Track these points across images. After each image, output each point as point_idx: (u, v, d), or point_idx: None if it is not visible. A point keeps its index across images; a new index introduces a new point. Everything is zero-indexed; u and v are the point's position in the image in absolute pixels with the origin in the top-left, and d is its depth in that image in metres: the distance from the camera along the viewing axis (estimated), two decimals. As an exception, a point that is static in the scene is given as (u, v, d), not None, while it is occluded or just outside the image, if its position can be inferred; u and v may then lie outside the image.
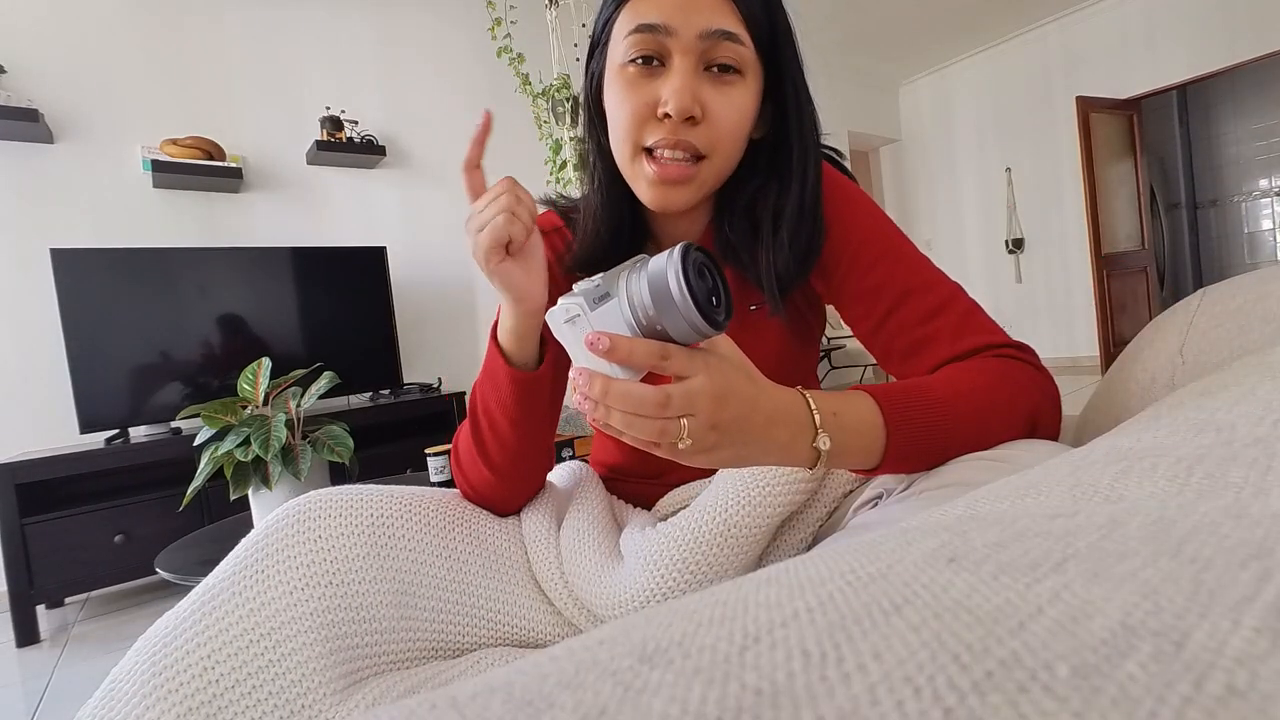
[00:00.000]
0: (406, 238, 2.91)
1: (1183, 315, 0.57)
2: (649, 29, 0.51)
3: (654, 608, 0.19)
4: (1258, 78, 4.97)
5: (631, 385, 0.37)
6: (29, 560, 1.82)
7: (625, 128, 0.54)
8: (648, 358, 0.37)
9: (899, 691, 0.12)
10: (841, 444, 0.44)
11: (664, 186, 0.54)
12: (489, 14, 2.15)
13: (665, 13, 0.51)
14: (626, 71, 0.53)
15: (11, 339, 2.15)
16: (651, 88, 0.52)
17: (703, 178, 0.55)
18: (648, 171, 0.54)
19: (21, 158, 2.18)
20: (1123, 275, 4.33)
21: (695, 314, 0.36)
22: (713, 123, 0.53)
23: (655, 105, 0.52)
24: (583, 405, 0.38)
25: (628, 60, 0.53)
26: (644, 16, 0.51)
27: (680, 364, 0.38)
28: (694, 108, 0.51)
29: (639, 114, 0.53)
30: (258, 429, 1.18)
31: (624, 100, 0.53)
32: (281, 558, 0.49)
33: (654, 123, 0.53)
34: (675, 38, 0.51)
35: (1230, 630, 0.12)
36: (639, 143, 0.54)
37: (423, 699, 0.15)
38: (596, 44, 0.59)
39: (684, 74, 0.51)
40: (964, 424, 0.48)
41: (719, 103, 0.52)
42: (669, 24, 0.51)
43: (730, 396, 0.39)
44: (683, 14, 0.50)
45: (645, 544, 0.54)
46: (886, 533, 0.23)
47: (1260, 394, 0.30)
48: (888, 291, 0.56)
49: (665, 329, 0.38)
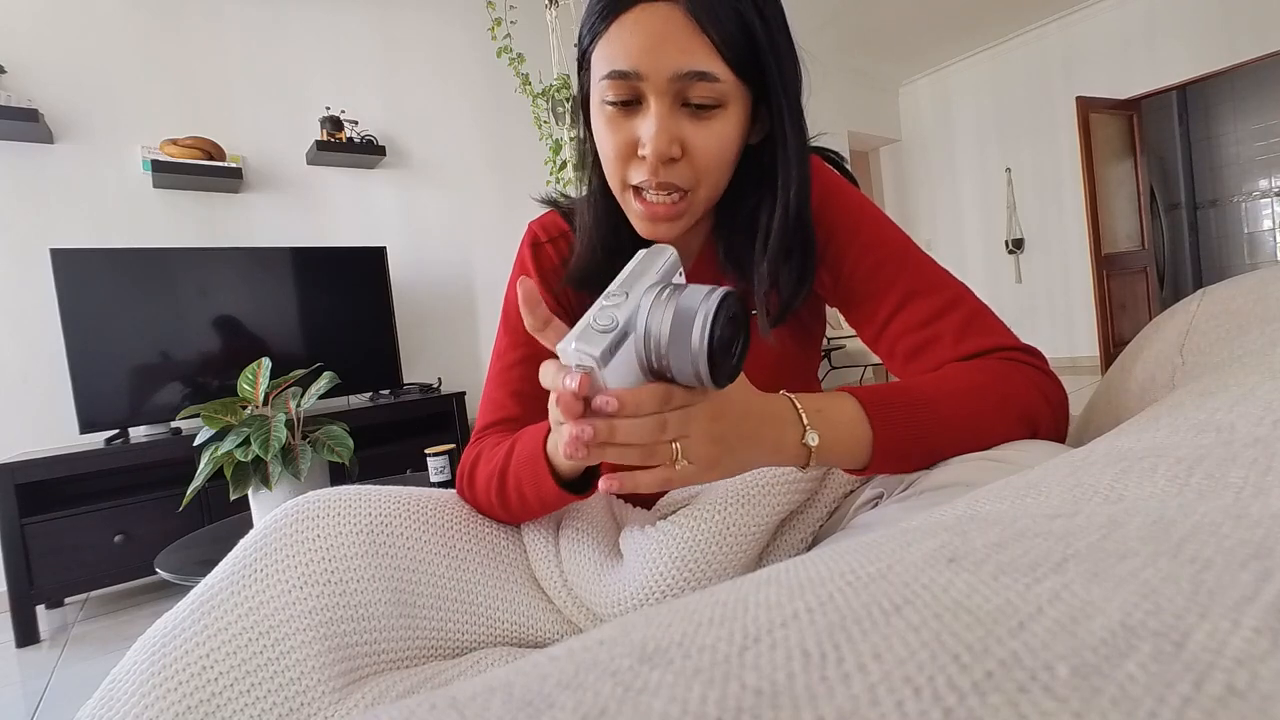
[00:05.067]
0: (406, 238, 2.91)
1: (1183, 315, 0.57)
2: (620, 75, 0.50)
3: (654, 608, 0.19)
4: (1258, 78, 4.96)
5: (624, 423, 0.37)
6: (29, 560, 1.82)
7: (610, 164, 0.54)
8: (652, 405, 0.37)
9: (899, 691, 0.12)
10: (829, 440, 0.45)
11: (653, 223, 0.55)
12: (489, 14, 2.15)
13: (634, 58, 0.49)
14: (606, 110, 0.53)
15: (11, 339, 2.15)
16: (630, 126, 0.52)
17: (693, 209, 0.55)
18: (636, 209, 0.55)
19: (21, 158, 2.18)
20: (1123, 275, 4.33)
21: (705, 367, 0.36)
22: (694, 158, 0.52)
23: (635, 145, 0.52)
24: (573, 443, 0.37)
25: (604, 101, 0.52)
26: (615, 62, 0.50)
27: (681, 401, 0.39)
28: (672, 149, 0.51)
29: (621, 153, 0.53)
30: (258, 429, 1.18)
31: (607, 138, 0.53)
32: (279, 557, 0.49)
33: (636, 161, 0.53)
34: (647, 81, 0.50)
35: (1230, 630, 0.12)
36: (625, 180, 0.54)
37: (422, 699, 0.15)
38: (581, 65, 0.57)
39: (660, 116, 0.50)
40: (954, 423, 0.48)
41: (700, 138, 0.51)
42: (638, 70, 0.49)
43: (726, 409, 0.40)
44: (651, 58, 0.49)
45: (645, 542, 0.54)
46: (886, 533, 0.23)
47: (1260, 394, 0.30)
48: (891, 295, 0.56)
49: (669, 365, 0.37)
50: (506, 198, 3.17)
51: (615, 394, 0.36)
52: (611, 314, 0.38)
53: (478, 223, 3.11)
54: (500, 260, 3.11)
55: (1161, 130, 5.49)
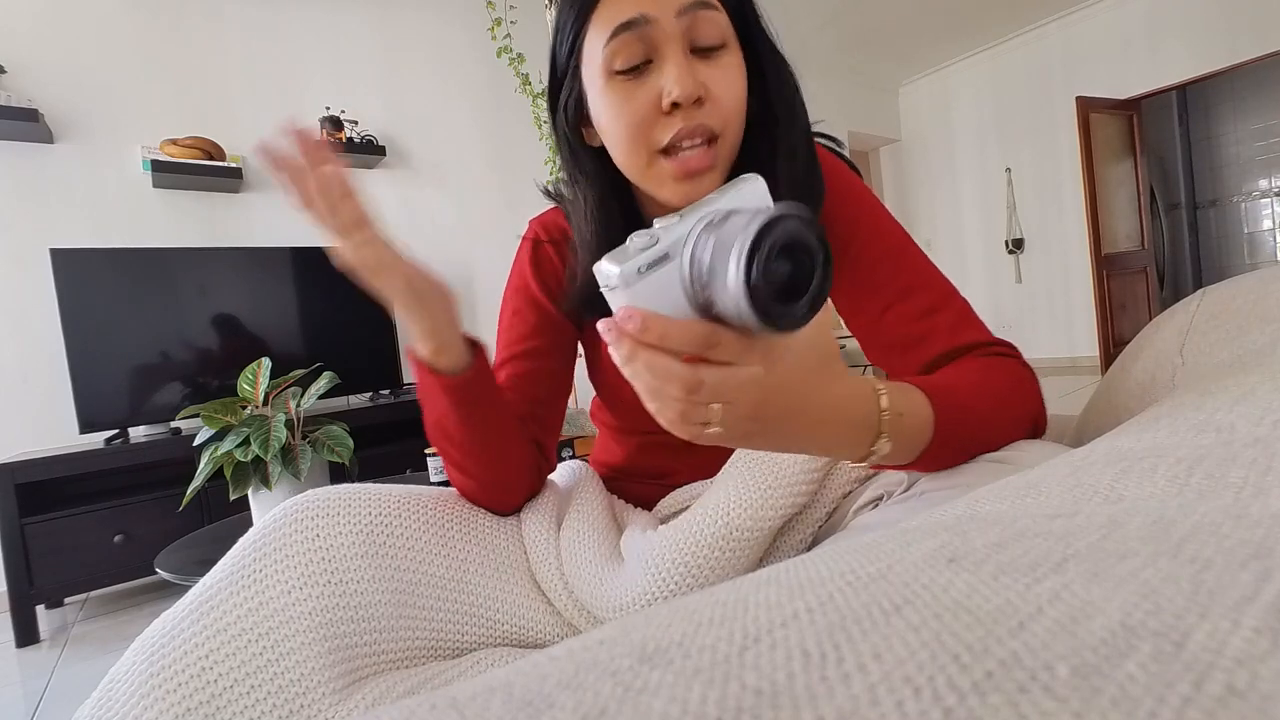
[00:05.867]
0: (406, 238, 2.88)
1: (1183, 315, 0.57)
2: (627, 26, 0.50)
3: (654, 608, 0.19)
4: (1258, 78, 4.96)
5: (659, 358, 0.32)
6: (29, 560, 1.82)
7: (632, 135, 0.52)
8: (689, 343, 0.32)
9: (899, 692, 0.12)
10: (893, 448, 0.42)
11: (689, 181, 0.52)
12: (489, 14, 2.15)
13: (637, 2, 0.49)
14: (615, 81, 0.52)
15: (11, 339, 2.14)
16: (648, 87, 0.51)
17: (721, 158, 0.53)
18: (669, 170, 0.52)
19: (21, 158, 2.18)
20: (1122, 275, 4.32)
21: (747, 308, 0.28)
22: (717, 100, 0.51)
23: (658, 102, 0.51)
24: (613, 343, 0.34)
25: (614, 70, 0.51)
26: (618, 16, 0.50)
27: (730, 353, 0.33)
28: (699, 88, 0.50)
29: (644, 116, 0.51)
30: (257, 429, 1.18)
31: (623, 109, 0.52)
32: (278, 557, 0.49)
33: (662, 120, 0.51)
34: (655, 25, 0.50)
35: (1230, 630, 0.12)
36: (652, 145, 0.52)
37: (422, 699, 0.15)
38: (565, 72, 0.56)
39: (678, 59, 0.50)
40: (988, 424, 0.48)
41: (717, 78, 0.51)
42: (646, 13, 0.49)
43: (785, 390, 0.35)
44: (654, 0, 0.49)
45: (646, 546, 0.54)
46: (886, 533, 0.23)
47: (1260, 394, 0.30)
48: (889, 287, 0.57)
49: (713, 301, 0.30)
50: (506, 198, 3.17)
51: (644, 313, 0.32)
52: (656, 235, 0.32)
53: (478, 223, 3.11)
54: (500, 260, 3.11)
55: (1161, 130, 5.49)
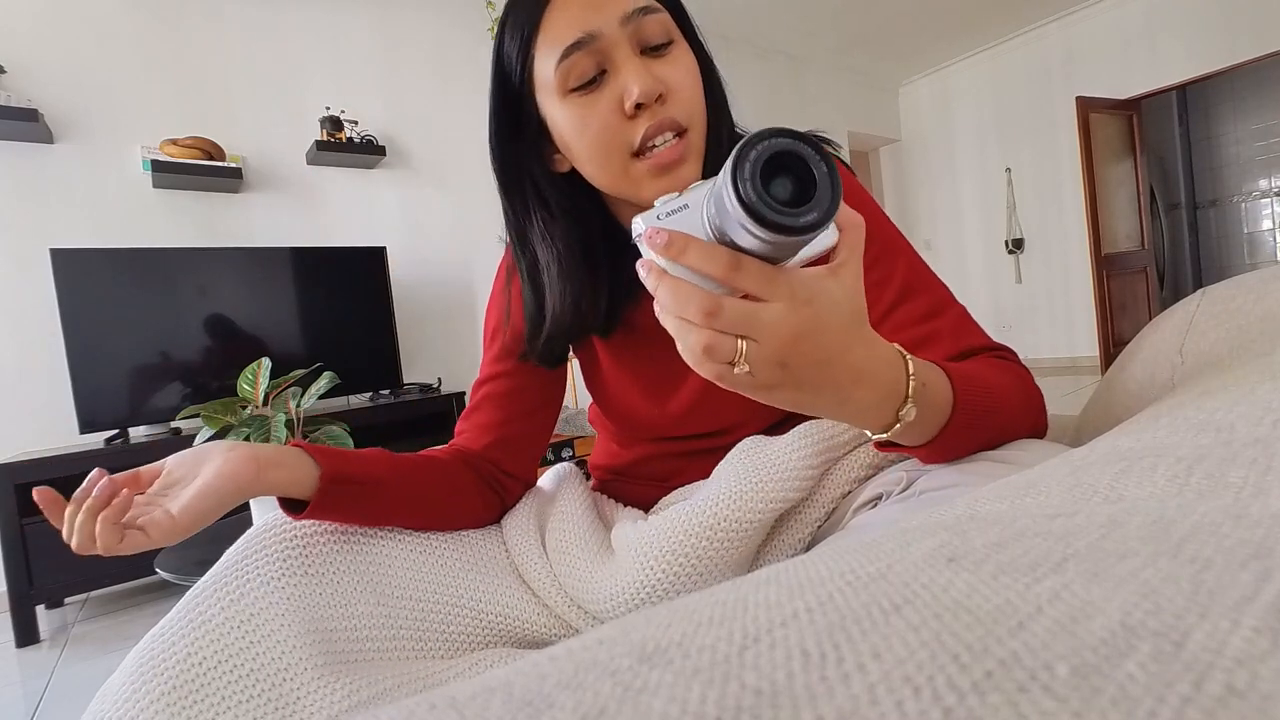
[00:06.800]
0: (406, 238, 2.91)
1: (1183, 315, 0.57)
2: (576, 46, 0.50)
3: (653, 608, 0.19)
4: (1258, 78, 4.97)
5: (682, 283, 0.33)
6: (29, 560, 1.82)
7: (603, 144, 0.52)
8: (710, 263, 0.32)
9: (899, 691, 0.12)
10: (917, 418, 0.41)
11: (667, 176, 0.52)
12: (489, 14, 2.15)
13: (581, 21, 0.49)
14: (572, 98, 0.52)
15: (11, 339, 2.15)
16: (608, 95, 0.51)
17: (694, 149, 0.54)
18: (645, 169, 0.52)
19: (21, 158, 2.18)
20: (1122, 275, 4.32)
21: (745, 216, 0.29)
22: (677, 92, 0.52)
23: (620, 107, 0.51)
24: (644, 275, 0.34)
25: (569, 89, 0.52)
26: (564, 38, 0.50)
27: (755, 282, 0.32)
28: (658, 84, 0.50)
29: (609, 123, 0.51)
30: (258, 429, 1.18)
31: (588, 121, 0.52)
32: (260, 558, 0.52)
33: (628, 123, 0.51)
34: (602, 39, 0.50)
35: (1230, 630, 0.12)
36: (624, 150, 0.52)
37: (422, 699, 0.15)
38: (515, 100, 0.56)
39: (632, 63, 0.50)
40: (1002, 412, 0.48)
41: (672, 72, 0.52)
42: (590, 30, 0.49)
43: (816, 335, 0.34)
44: (598, 14, 0.49)
45: (636, 537, 0.55)
46: (886, 533, 0.23)
47: (1260, 394, 0.30)
48: (890, 288, 0.57)
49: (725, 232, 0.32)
50: (506, 198, 3.17)
51: (671, 231, 0.32)
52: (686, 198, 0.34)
53: (478, 223, 3.11)
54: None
55: (1161, 130, 5.49)
